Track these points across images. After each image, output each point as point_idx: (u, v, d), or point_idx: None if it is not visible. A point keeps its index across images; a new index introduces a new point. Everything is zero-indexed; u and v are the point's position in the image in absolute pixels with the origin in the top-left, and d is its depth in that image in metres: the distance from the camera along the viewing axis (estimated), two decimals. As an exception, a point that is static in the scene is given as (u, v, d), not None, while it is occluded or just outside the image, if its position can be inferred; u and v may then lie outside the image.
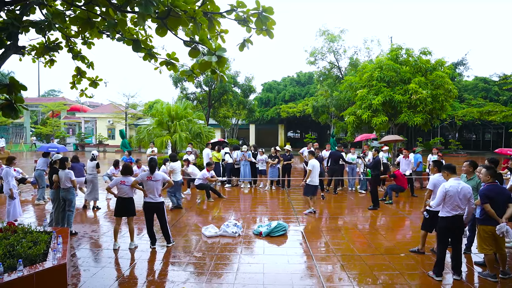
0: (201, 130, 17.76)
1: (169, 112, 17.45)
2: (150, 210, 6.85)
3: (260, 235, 7.66)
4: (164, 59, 4.84)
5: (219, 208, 10.57)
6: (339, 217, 9.64)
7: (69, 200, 7.73)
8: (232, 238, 7.52)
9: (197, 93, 27.27)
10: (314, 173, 9.84)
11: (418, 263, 6.15)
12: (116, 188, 6.90)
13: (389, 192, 11.44)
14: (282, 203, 11.46)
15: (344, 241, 7.39)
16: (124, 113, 36.14)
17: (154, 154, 15.68)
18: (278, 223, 7.85)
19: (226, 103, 28.22)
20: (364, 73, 17.70)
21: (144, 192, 6.83)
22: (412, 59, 17.24)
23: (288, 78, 45.10)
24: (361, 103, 17.03)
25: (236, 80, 26.33)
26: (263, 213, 9.85)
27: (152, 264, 6.22)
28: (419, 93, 15.22)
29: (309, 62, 25.43)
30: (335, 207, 10.92)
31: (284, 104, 39.00)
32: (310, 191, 9.94)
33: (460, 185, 5.34)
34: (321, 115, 29.01)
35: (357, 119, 17.35)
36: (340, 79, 25.46)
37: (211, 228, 7.87)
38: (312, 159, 10.00)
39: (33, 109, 47.11)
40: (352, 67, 24.19)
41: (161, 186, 6.92)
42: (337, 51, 24.52)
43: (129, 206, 6.89)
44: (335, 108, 25.93)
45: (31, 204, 10.93)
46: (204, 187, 11.72)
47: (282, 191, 13.53)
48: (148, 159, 9.14)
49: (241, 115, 35.14)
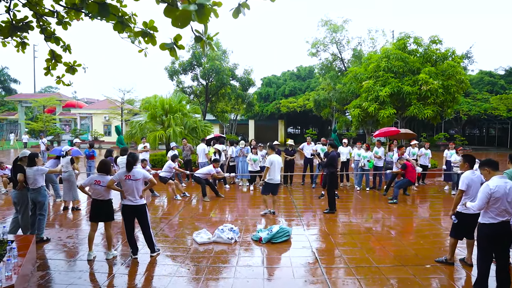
0: (197, 125, 16.77)
1: (163, 105, 16.42)
2: (130, 214, 5.83)
3: (259, 242, 6.66)
4: (140, 29, 3.97)
5: (214, 209, 9.57)
6: (347, 219, 8.64)
7: (40, 203, 6.71)
8: (227, 245, 6.52)
9: (193, 87, 26.22)
10: (273, 170, 8.74)
11: (449, 278, 5.15)
12: (91, 188, 5.91)
13: (395, 191, 10.40)
14: (284, 202, 10.45)
15: (357, 248, 6.38)
16: (120, 109, 35.11)
17: (146, 150, 14.63)
18: (281, 228, 6.84)
19: (224, 97, 27.19)
20: (370, 64, 16.69)
21: (122, 193, 5.82)
22: (421, 48, 16.20)
23: (288, 72, 44.07)
24: (367, 95, 16.03)
25: (234, 73, 25.27)
26: (264, 215, 8.84)
27: (132, 278, 5.21)
28: (430, 84, 14.22)
29: (311, 53, 24.39)
30: (341, 207, 9.91)
31: (284, 99, 37.98)
32: (268, 189, 8.86)
33: (508, 184, 4.32)
34: (322, 109, 27.97)
35: (363, 112, 16.35)
36: (343, 72, 24.46)
37: (204, 234, 6.87)
38: (272, 154, 8.85)
39: (27, 105, 46.02)
40: (355, 59, 23.14)
41: (142, 186, 5.90)
42: (340, 42, 23.49)
43: (106, 209, 5.89)
44: (338, 102, 24.90)
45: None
46: (202, 183, 10.75)
47: (283, 189, 12.54)
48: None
49: (240, 110, 34.15)
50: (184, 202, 10.38)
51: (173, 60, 23.96)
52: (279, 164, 8.79)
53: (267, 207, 8.88)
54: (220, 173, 11.41)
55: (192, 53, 23.70)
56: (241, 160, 13.29)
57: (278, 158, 8.81)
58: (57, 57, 4.96)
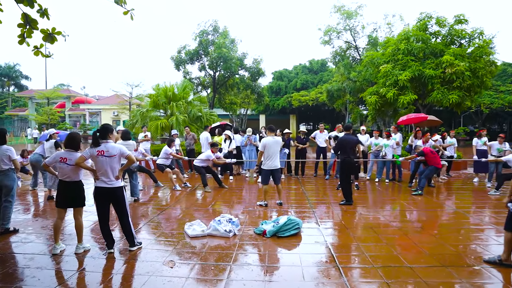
0: (202, 113, 15.70)
1: (166, 93, 15.40)
2: (103, 198, 4.76)
3: (263, 235, 5.54)
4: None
5: (215, 200, 8.47)
6: (367, 211, 7.46)
7: (7, 187, 5.72)
8: (224, 239, 5.41)
9: (201, 78, 25.15)
10: (267, 153, 7.61)
11: (508, 284, 3.97)
12: (56, 167, 4.87)
13: (422, 182, 9.16)
14: (295, 194, 9.30)
15: (383, 244, 5.19)
16: (128, 104, 34.37)
17: (147, 140, 13.65)
18: (289, 219, 5.69)
19: (233, 88, 26.07)
20: (388, 47, 15.38)
21: (95, 173, 4.76)
22: (444, 29, 14.80)
23: (300, 66, 42.74)
24: (384, 80, 14.72)
25: (243, 62, 24.07)
26: (270, 206, 7.70)
27: (100, 277, 4.13)
28: (455, 66, 12.85)
29: (323, 41, 23.03)
30: (359, 199, 8.72)
31: (296, 93, 36.68)
32: (266, 177, 7.75)
33: None
34: (336, 100, 26.59)
35: (381, 99, 15.05)
36: (357, 61, 23.12)
37: (197, 226, 5.77)
38: (267, 138, 7.67)
39: (38, 101, 45.64)
40: (371, 46, 21.75)
41: (119, 165, 4.82)
42: (354, 28, 22.08)
43: (75, 193, 4.84)
44: (352, 92, 23.54)
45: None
46: (201, 172, 9.70)
47: (294, 180, 11.39)
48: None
49: (250, 104, 33.04)
50: (183, 193, 9.32)
51: (179, 49, 22.96)
52: (275, 146, 7.61)
53: (265, 199, 7.74)
54: (221, 159, 10.33)
55: (198, 42, 22.65)
56: (248, 149, 12.20)
57: (274, 139, 7.61)
58: (32, 23, 4.22)
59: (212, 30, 22.95)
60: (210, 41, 22.80)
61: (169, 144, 10.14)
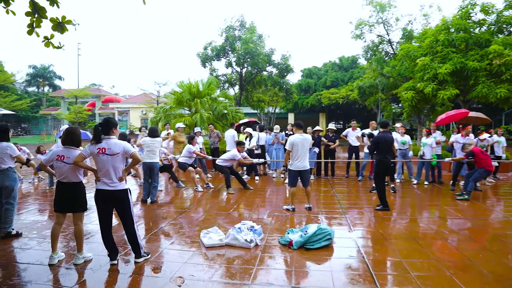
0: (227, 110, 15.11)
1: (190, 89, 14.91)
2: (105, 202, 4.19)
3: (289, 247, 4.83)
4: None
5: (238, 202, 7.84)
6: (407, 218, 6.61)
7: (8, 188, 5.28)
8: (244, 251, 4.75)
9: (227, 75, 24.65)
10: (295, 153, 6.87)
11: None
12: (54, 167, 4.36)
13: (469, 185, 8.16)
14: (325, 197, 8.53)
15: (431, 260, 4.36)
16: (156, 102, 34.48)
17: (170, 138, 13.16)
18: (319, 228, 4.96)
19: (261, 85, 25.41)
20: (426, 39, 14.27)
21: (96, 173, 4.21)
22: (490, 17, 13.52)
23: (330, 63, 41.63)
24: (422, 74, 13.63)
25: (270, 58, 23.36)
26: (298, 211, 6.99)
27: (101, 296, 3.59)
28: (505, 57, 11.63)
29: (355, 36, 21.96)
30: (397, 203, 7.85)
31: (326, 90, 35.63)
32: (293, 179, 7.03)
33: None
34: (368, 97, 25.41)
35: (417, 94, 13.98)
36: (390, 56, 21.93)
37: (214, 234, 5.13)
38: (294, 135, 6.92)
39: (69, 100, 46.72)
40: (406, 40, 20.49)
41: (123, 164, 4.24)
42: (388, 21, 20.92)
43: (75, 196, 4.30)
44: (385, 88, 22.36)
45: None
46: (225, 172, 9.11)
47: (324, 181, 10.61)
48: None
49: (279, 102, 32.35)
50: (205, 194, 8.75)
51: (205, 45, 22.54)
52: (304, 144, 6.88)
53: (292, 203, 7.03)
54: (247, 159, 9.69)
55: (225, 37, 22.14)
56: (275, 147, 11.51)
57: (302, 137, 6.87)
58: (40, 11, 3.96)
59: (238, 26, 22.41)
60: (236, 36, 22.25)
61: (191, 142, 9.60)
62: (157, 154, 8.04)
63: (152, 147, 7.95)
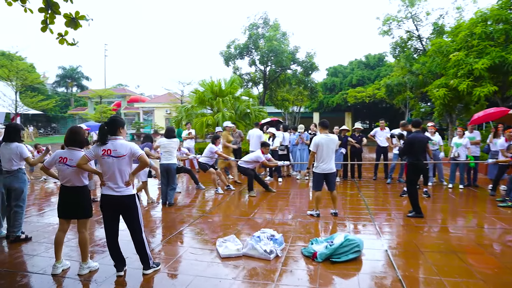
0: (250, 109, 14.73)
1: (212, 88, 14.62)
2: (110, 209, 3.86)
3: (313, 259, 4.39)
4: None
5: (259, 206, 7.43)
6: (443, 227, 6.03)
7: (17, 190, 5.07)
8: (263, 263, 4.33)
9: (251, 73, 24.31)
10: (320, 154, 6.35)
11: None
12: (57, 170, 4.08)
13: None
14: (352, 201, 8.02)
15: (477, 280, 3.78)
16: (180, 102, 34.58)
17: (191, 137, 12.91)
18: (347, 238, 4.49)
19: (285, 84, 24.94)
20: (459, 32, 13.42)
21: (101, 176, 3.89)
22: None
23: (356, 61, 40.59)
24: (455, 70, 12.79)
25: (295, 56, 22.84)
26: (323, 217, 6.51)
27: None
28: (550, 50, 10.72)
29: (382, 32, 21.17)
30: (431, 209, 7.25)
31: (352, 89, 34.74)
32: (318, 182, 6.50)
33: None
34: (395, 96, 24.47)
35: (450, 92, 13.17)
36: (419, 52, 21.00)
37: (231, 243, 4.74)
38: (319, 135, 6.44)
39: (95, 100, 47.69)
40: (437, 35, 19.53)
41: (129, 167, 3.90)
42: (417, 15, 20.03)
43: (79, 201, 4.01)
44: (415, 86, 21.43)
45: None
46: (248, 174, 8.73)
47: (351, 184, 10.07)
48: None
49: (303, 101, 31.78)
50: (225, 197, 8.40)
51: (228, 43, 22.29)
52: (330, 145, 6.37)
53: (317, 208, 6.54)
54: (272, 161, 9.26)
55: (248, 35, 21.80)
56: (299, 148, 11.04)
57: (328, 138, 6.38)
58: (54, 7, 3.92)
59: (262, 23, 22.06)
60: (260, 34, 21.89)
61: (214, 142, 9.27)
62: (174, 155, 7.76)
63: (168, 148, 7.66)
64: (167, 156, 7.64)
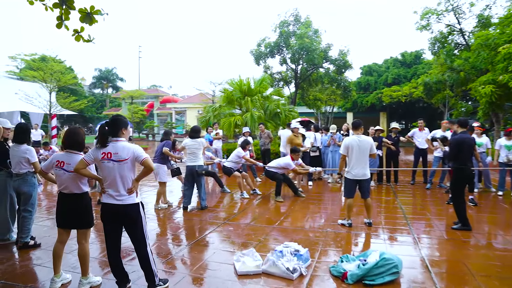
0: (280, 109, 14.17)
1: (240, 87, 14.18)
2: (112, 219, 3.44)
3: (343, 280, 3.79)
4: None
5: (287, 213, 6.88)
6: (496, 242, 5.25)
7: (26, 194, 4.80)
8: (285, 282, 3.78)
9: (282, 72, 23.72)
10: (351, 158, 5.72)
11: None
12: (54, 174, 3.71)
13: None
14: (387, 208, 7.31)
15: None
16: (211, 102, 34.59)
17: (218, 138, 12.50)
18: (383, 257, 3.85)
19: (317, 83, 24.17)
20: (511, 23, 12.30)
21: (101, 183, 3.48)
22: None
23: (391, 59, 39.10)
24: (505, 64, 11.70)
25: (327, 54, 22.05)
26: (356, 227, 5.87)
27: None
28: None
29: (420, 27, 19.96)
30: (479, 221, 6.43)
31: (387, 88, 33.43)
32: (349, 189, 5.85)
33: None
34: (434, 94, 23.11)
35: (499, 89, 12.08)
36: (461, 47, 19.66)
37: (250, 257, 4.21)
38: (350, 137, 5.86)
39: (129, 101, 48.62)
40: (481, 28, 18.17)
41: (133, 173, 3.45)
42: (460, 7, 18.73)
43: (78, 209, 3.61)
44: (456, 84, 20.10)
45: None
46: (277, 178, 8.18)
47: (386, 189, 9.32)
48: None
49: (337, 101, 30.87)
50: (251, 202, 7.90)
51: (259, 42, 21.81)
52: (362, 148, 5.72)
53: (348, 217, 5.91)
54: (303, 167, 8.65)
55: (279, 33, 21.24)
56: (331, 150, 10.40)
57: (359, 139, 5.74)
58: (68, 1, 3.73)
59: (293, 20, 21.40)
60: (291, 32, 21.25)
61: (244, 147, 8.80)
62: (199, 156, 7.28)
63: (193, 149, 7.20)
64: (192, 158, 7.20)
